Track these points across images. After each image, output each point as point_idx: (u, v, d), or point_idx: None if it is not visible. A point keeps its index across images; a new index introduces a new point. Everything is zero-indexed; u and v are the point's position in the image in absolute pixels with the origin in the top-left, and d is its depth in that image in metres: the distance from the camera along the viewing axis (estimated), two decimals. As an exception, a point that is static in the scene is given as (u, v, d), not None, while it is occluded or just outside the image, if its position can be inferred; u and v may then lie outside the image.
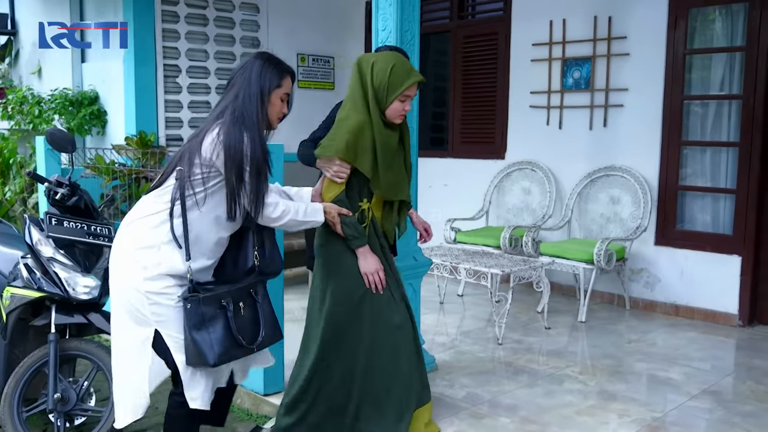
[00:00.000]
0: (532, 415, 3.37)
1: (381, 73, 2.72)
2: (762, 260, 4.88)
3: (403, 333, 2.85)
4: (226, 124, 2.34)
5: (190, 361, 2.36)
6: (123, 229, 2.44)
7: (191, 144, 2.38)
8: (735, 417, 3.37)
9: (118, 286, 2.40)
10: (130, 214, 2.45)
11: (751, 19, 4.73)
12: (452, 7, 6.55)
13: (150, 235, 2.35)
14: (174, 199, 2.34)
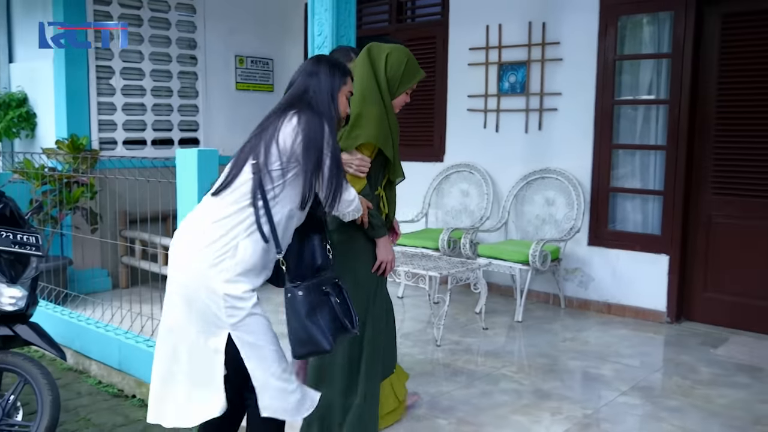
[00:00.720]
0: (468, 416, 3.42)
1: (396, 65, 2.88)
2: (688, 259, 5.07)
3: (392, 315, 3.19)
4: (306, 113, 2.30)
5: (302, 351, 2.28)
6: (190, 234, 2.31)
7: (263, 137, 2.30)
8: (662, 412, 3.50)
9: (192, 291, 2.25)
10: (197, 218, 2.32)
11: (677, 27, 4.91)
12: (391, 11, 6.59)
13: (227, 236, 2.23)
14: (255, 193, 2.24)
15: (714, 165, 4.93)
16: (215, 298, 2.19)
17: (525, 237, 5.68)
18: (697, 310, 5.07)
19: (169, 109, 6.31)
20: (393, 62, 2.89)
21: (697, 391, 3.77)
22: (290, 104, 2.35)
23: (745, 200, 4.81)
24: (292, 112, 2.31)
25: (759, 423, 3.36)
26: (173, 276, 2.32)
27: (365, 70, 2.88)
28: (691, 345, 4.58)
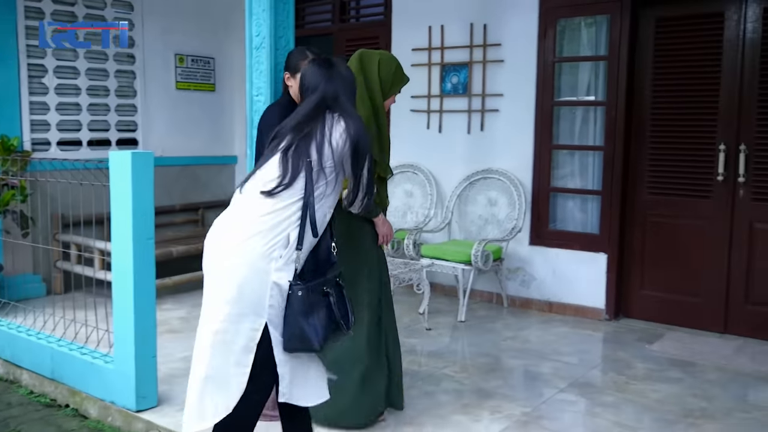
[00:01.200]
0: (408, 417, 3.42)
1: (387, 69, 3.17)
2: (626, 257, 5.18)
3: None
4: (351, 117, 2.44)
5: (291, 346, 2.32)
6: (234, 229, 2.36)
7: (312, 139, 2.39)
8: (597, 407, 3.56)
9: (243, 280, 2.29)
10: (239, 214, 2.38)
11: (612, 31, 5.02)
12: (334, 10, 6.56)
13: (278, 228, 2.32)
14: (307, 191, 2.35)
15: (649, 165, 5.05)
16: (264, 286, 2.29)
17: (468, 237, 5.72)
18: (634, 307, 5.19)
19: (106, 108, 6.15)
20: (385, 67, 3.16)
21: (632, 387, 3.85)
22: (324, 108, 2.46)
23: (678, 199, 4.94)
24: (335, 115, 2.44)
25: (690, 416, 3.45)
26: (216, 274, 2.36)
27: (355, 72, 3.03)
28: (628, 341, 4.68)
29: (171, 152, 6.57)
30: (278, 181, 2.35)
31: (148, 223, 3.46)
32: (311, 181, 2.36)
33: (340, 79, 2.53)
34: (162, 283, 5.44)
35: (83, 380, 3.79)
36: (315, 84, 2.52)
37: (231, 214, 2.43)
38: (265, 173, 2.41)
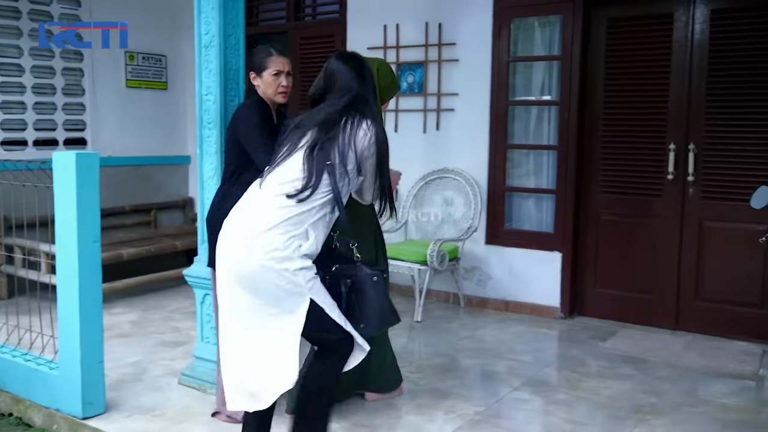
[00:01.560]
0: (363, 419, 3.39)
1: (387, 76, 3.39)
2: (580, 255, 5.23)
3: None
4: (371, 119, 2.59)
5: (382, 325, 2.76)
6: (255, 225, 2.48)
7: (335, 142, 2.51)
8: (550, 405, 3.58)
9: (264, 278, 2.45)
10: (257, 209, 2.51)
11: (565, 31, 5.06)
12: (289, 8, 6.49)
13: (299, 223, 2.46)
14: (335, 190, 2.49)
15: (602, 164, 5.10)
16: (289, 276, 2.43)
17: (425, 237, 5.71)
18: (588, 305, 5.24)
19: (53, 107, 5.98)
20: (383, 74, 3.38)
21: (584, 384, 3.88)
22: (353, 109, 2.58)
23: (630, 198, 5.01)
24: (357, 118, 2.56)
25: (639, 412, 3.49)
26: (237, 268, 2.49)
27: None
28: (582, 339, 4.72)
29: (122, 152, 6.43)
30: (303, 183, 2.48)
31: (93, 225, 3.37)
32: (336, 183, 2.50)
33: (371, 80, 2.69)
34: (111, 287, 5.31)
35: (27, 387, 3.67)
36: (348, 84, 2.63)
37: (250, 209, 2.54)
38: (286, 171, 2.52)
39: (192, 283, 3.84)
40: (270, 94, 3.27)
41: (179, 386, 3.82)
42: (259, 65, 3.27)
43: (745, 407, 3.57)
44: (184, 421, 3.38)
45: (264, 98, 3.30)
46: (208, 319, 3.80)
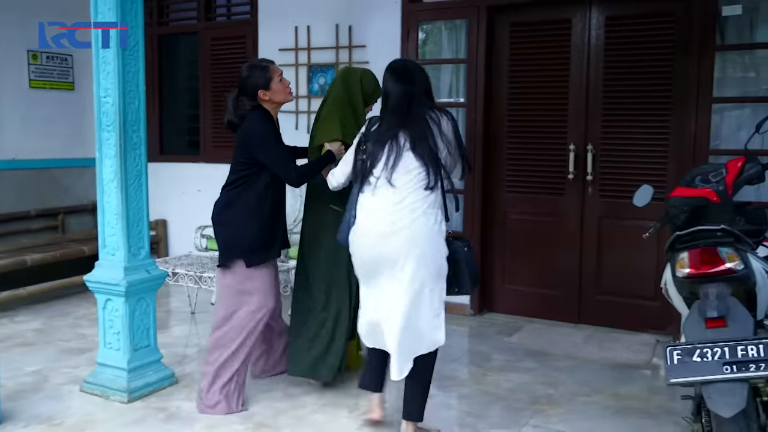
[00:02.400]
0: (267, 419, 3.41)
1: (371, 84, 3.74)
2: (489, 253, 5.38)
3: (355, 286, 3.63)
4: (438, 109, 3.09)
5: (475, 285, 3.42)
6: (414, 214, 2.97)
7: (427, 138, 2.98)
8: (452, 400, 3.68)
9: (428, 256, 3.01)
10: (415, 203, 2.97)
11: (470, 35, 5.19)
12: (199, 8, 6.42)
13: (435, 205, 3.03)
14: (441, 176, 3.01)
15: (507, 165, 5.26)
16: (443, 249, 3.09)
17: (338, 237, 5.74)
18: (497, 301, 5.40)
19: (-51, 108, 5.74)
20: (366, 82, 3.74)
21: (487, 378, 4.01)
22: (420, 106, 3.04)
23: (534, 197, 5.18)
24: (436, 113, 3.05)
25: (537, 403, 3.63)
26: (402, 250, 2.96)
27: (340, 87, 3.70)
28: (489, 335, 4.86)
29: (26, 155, 6.22)
30: (427, 175, 2.96)
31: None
32: (438, 168, 2.98)
33: (423, 74, 3.14)
34: (15, 294, 5.15)
35: None
36: (396, 91, 3.06)
37: (392, 206, 2.97)
38: (408, 169, 2.97)
39: (93, 289, 3.77)
40: (282, 98, 3.59)
41: (81, 394, 3.74)
42: (264, 81, 3.51)
43: (637, 395, 3.76)
44: (85, 429, 3.32)
45: (271, 112, 3.59)
46: (110, 325, 3.74)
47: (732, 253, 2.47)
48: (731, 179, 3.28)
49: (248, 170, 3.49)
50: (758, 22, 4.44)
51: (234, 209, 3.49)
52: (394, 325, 3.03)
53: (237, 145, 3.57)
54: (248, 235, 3.47)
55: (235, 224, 3.50)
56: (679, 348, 2.34)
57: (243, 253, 3.47)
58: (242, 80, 3.57)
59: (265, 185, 3.48)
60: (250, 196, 3.47)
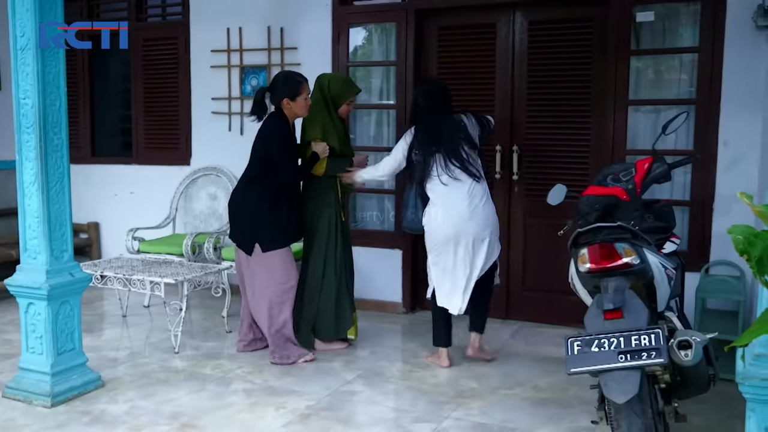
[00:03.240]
0: (192, 420, 3.43)
1: (334, 87, 4.41)
2: (419, 252, 5.46)
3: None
4: (465, 112, 4.26)
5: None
6: (482, 200, 4.14)
7: (462, 135, 4.12)
8: (378, 396, 3.76)
9: (496, 227, 4.23)
10: (478, 190, 4.12)
11: (399, 38, 5.28)
12: (130, 8, 6.35)
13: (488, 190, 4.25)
14: (481, 167, 4.19)
15: (437, 165, 5.36)
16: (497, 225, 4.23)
17: (272, 238, 5.77)
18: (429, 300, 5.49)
19: None
20: (333, 85, 4.41)
21: (414, 374, 4.10)
22: (446, 110, 4.19)
23: (463, 196, 5.29)
24: (464, 114, 4.21)
25: (460, 396, 3.74)
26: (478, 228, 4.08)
27: (316, 91, 4.41)
28: (419, 332, 4.96)
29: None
30: (478, 167, 4.13)
31: None
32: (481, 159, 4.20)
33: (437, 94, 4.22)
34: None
35: None
36: (423, 104, 4.18)
37: (468, 194, 4.07)
38: (466, 164, 4.07)
39: (15, 293, 3.73)
40: (302, 113, 4.29)
41: (3, 399, 3.69)
42: (292, 94, 4.20)
43: (555, 386, 3.90)
44: (4, 435, 3.28)
45: (290, 118, 4.29)
46: (33, 329, 3.70)
47: (628, 249, 2.61)
48: (640, 178, 3.46)
49: (259, 169, 4.22)
50: (670, 27, 4.65)
51: (253, 201, 4.21)
52: (471, 279, 4.09)
53: (257, 141, 4.28)
54: (267, 224, 4.19)
55: (255, 215, 4.19)
56: (579, 339, 2.47)
57: (261, 240, 4.19)
58: (276, 85, 4.28)
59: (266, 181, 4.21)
60: (268, 189, 4.20)
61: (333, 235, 4.42)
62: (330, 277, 4.42)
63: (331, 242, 4.42)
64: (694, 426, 3.38)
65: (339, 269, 4.43)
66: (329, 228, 4.41)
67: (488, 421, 3.43)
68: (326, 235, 4.41)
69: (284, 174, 4.22)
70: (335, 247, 4.42)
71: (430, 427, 3.36)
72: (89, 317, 5.29)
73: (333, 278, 4.42)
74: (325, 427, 3.35)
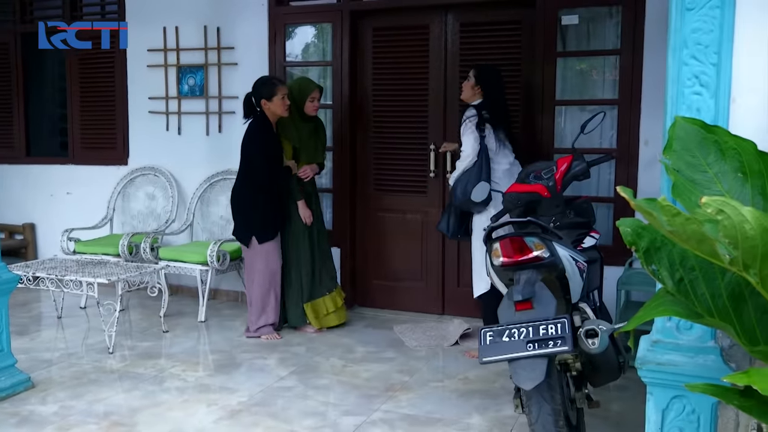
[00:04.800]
0: (123, 419, 3.43)
1: (295, 88, 4.79)
2: (358, 250, 5.55)
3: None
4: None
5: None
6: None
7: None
8: (310, 390, 3.82)
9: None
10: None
11: (335, 38, 5.34)
12: (65, 6, 6.26)
13: None
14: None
15: (374, 164, 5.45)
16: None
17: (211, 238, 5.77)
18: (368, 296, 5.58)
19: None
20: (293, 87, 4.81)
21: (347, 369, 4.17)
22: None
23: (399, 195, 5.38)
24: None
25: (391, 390, 3.83)
26: None
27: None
28: (357, 328, 5.03)
29: None
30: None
31: None
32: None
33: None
34: None
35: None
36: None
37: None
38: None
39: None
40: (279, 112, 4.65)
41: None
42: (268, 94, 4.61)
43: (484, 378, 4.02)
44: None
45: (271, 119, 4.70)
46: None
47: (538, 242, 2.72)
48: (560, 176, 3.60)
49: (247, 166, 4.69)
50: (594, 30, 4.82)
51: (245, 198, 4.74)
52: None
53: (242, 142, 4.78)
54: (260, 218, 4.71)
55: (249, 210, 4.71)
56: (491, 330, 2.57)
57: (257, 233, 4.71)
58: (255, 87, 4.69)
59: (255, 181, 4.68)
60: (251, 188, 4.70)
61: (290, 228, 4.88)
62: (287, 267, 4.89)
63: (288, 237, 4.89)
64: (611, 412, 3.54)
65: (292, 261, 4.86)
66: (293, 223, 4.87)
67: (416, 413, 3.52)
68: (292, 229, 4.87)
69: (258, 176, 4.66)
70: (287, 241, 4.86)
71: (360, 419, 3.44)
72: (23, 319, 5.22)
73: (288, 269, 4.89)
74: (255, 422, 3.40)
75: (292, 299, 4.89)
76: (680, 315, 1.84)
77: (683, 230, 1.56)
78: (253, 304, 4.81)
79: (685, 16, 2.09)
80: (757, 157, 2.01)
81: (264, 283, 4.77)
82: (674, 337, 2.21)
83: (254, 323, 4.79)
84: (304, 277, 4.87)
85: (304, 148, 4.85)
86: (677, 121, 2.06)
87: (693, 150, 2.06)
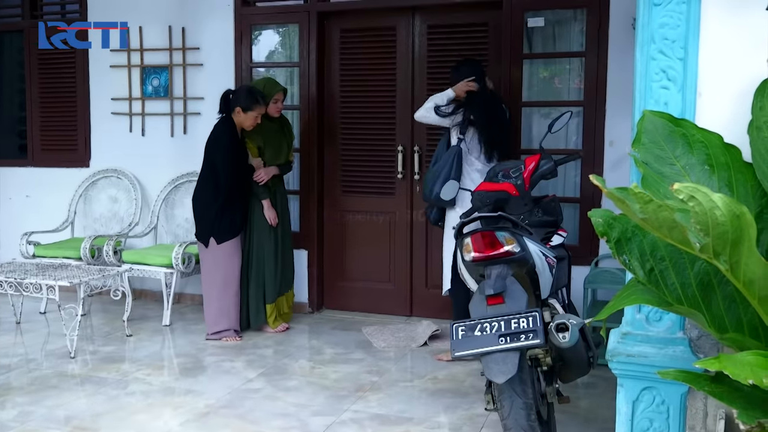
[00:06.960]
0: (85, 423, 3.35)
1: (264, 90, 4.74)
2: (326, 252, 5.52)
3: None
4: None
5: None
6: None
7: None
8: (279, 392, 3.77)
9: None
10: None
11: (302, 39, 5.32)
12: (24, 5, 6.13)
13: None
14: None
15: (342, 166, 5.42)
16: None
17: (175, 240, 5.68)
18: (335, 298, 5.54)
19: None
20: (257, 87, 4.78)
21: (316, 370, 4.14)
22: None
23: (367, 197, 5.37)
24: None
25: (360, 390, 3.80)
26: None
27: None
28: (324, 330, 5.00)
29: None
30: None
31: None
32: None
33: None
34: None
35: None
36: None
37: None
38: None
39: None
40: (248, 125, 4.66)
41: None
42: (246, 106, 4.60)
43: (453, 378, 4.02)
44: None
45: (236, 122, 4.68)
46: None
47: (509, 237, 2.73)
48: (528, 174, 3.63)
49: (210, 166, 4.68)
50: (559, 33, 4.88)
51: (206, 199, 4.72)
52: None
53: (207, 143, 4.75)
54: (219, 219, 4.68)
55: (208, 211, 4.70)
56: (463, 324, 2.57)
57: (215, 233, 4.70)
58: (239, 91, 4.71)
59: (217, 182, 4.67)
60: (212, 188, 4.69)
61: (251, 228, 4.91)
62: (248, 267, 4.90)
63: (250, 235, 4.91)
64: (581, 408, 3.57)
65: (255, 261, 4.86)
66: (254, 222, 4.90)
67: (386, 412, 3.50)
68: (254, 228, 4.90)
69: (219, 176, 4.65)
70: (251, 241, 4.88)
71: (330, 419, 3.41)
72: (-21, 325, 5.08)
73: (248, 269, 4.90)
74: (223, 424, 3.34)
75: (254, 300, 4.85)
76: (651, 303, 1.86)
77: (655, 217, 1.57)
78: (210, 305, 4.76)
79: (652, 12, 2.11)
80: (724, 150, 2.04)
81: (221, 284, 4.72)
82: (644, 329, 2.23)
83: (212, 325, 4.74)
84: (267, 277, 4.84)
85: (269, 147, 4.84)
86: (645, 114, 2.09)
87: (661, 143, 2.09)
